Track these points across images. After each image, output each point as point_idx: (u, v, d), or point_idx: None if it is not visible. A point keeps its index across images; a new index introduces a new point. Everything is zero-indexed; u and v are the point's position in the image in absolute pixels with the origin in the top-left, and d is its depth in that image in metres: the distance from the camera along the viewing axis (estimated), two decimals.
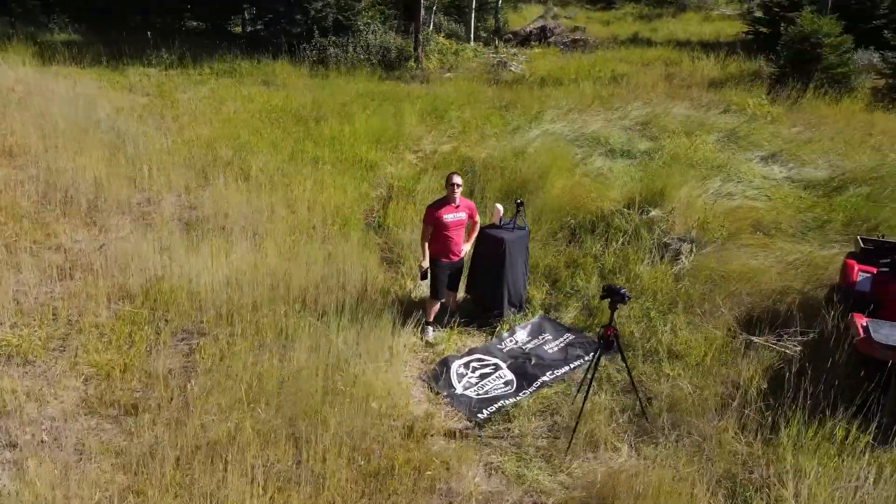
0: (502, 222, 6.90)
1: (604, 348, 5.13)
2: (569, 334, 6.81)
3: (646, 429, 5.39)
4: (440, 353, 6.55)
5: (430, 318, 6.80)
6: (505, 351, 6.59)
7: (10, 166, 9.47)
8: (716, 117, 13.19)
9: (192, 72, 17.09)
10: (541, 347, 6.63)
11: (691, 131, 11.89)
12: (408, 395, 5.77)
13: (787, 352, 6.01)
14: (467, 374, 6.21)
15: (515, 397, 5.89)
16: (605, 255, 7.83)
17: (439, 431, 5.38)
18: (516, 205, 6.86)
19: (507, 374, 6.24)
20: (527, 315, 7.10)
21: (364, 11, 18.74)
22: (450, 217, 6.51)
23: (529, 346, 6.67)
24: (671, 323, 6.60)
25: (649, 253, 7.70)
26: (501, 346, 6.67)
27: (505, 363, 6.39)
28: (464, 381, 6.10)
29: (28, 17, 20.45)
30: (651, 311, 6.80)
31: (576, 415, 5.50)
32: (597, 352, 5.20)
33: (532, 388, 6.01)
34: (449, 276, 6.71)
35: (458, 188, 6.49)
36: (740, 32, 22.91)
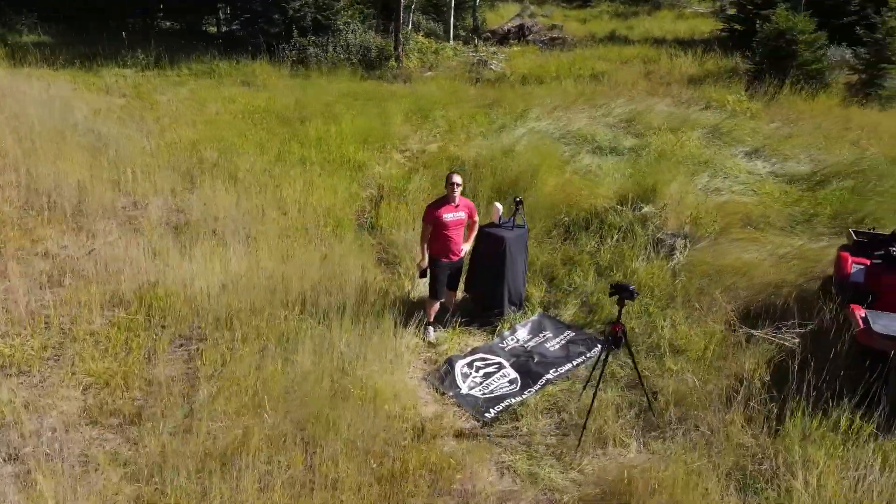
0: (502, 221, 6.89)
1: (612, 344, 5.15)
2: (569, 331, 6.84)
3: (653, 424, 5.43)
4: (442, 354, 6.53)
5: (431, 318, 6.77)
6: (507, 350, 6.59)
7: None
8: (697, 114, 13.35)
9: (169, 73, 16.84)
10: (542, 345, 6.64)
11: (675, 128, 12.03)
12: (415, 396, 5.74)
13: (785, 344, 6.10)
14: (471, 373, 6.20)
15: (521, 396, 5.90)
16: (601, 251, 7.88)
17: (449, 432, 5.36)
18: (515, 203, 6.86)
19: (511, 372, 6.24)
20: (526, 313, 7.10)
21: (343, 11, 18.61)
22: (449, 216, 6.48)
23: (531, 344, 6.68)
24: (670, 318, 6.66)
25: (644, 249, 7.77)
26: (503, 344, 6.66)
27: (508, 362, 6.39)
28: (468, 381, 6.08)
29: None
30: (650, 306, 6.86)
31: (583, 411, 5.53)
32: (605, 348, 5.22)
33: (537, 385, 6.02)
34: (449, 276, 6.69)
35: (457, 187, 6.46)
36: (714, 30, 23.23)
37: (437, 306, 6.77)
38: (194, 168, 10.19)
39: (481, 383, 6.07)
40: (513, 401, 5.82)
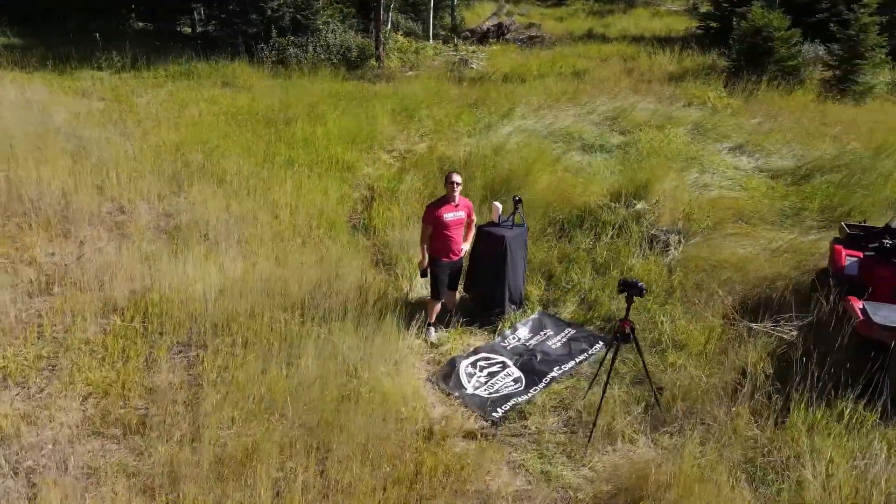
0: (501, 220, 6.88)
1: (621, 340, 5.18)
2: (569, 329, 6.86)
3: (660, 419, 5.46)
4: (444, 354, 6.50)
5: (432, 318, 6.74)
6: (509, 348, 6.59)
7: None
8: (680, 111, 13.51)
9: (146, 75, 16.51)
10: (544, 343, 6.65)
11: (660, 125, 12.15)
12: (422, 398, 5.70)
13: (784, 337, 6.19)
14: (476, 373, 6.18)
15: (527, 394, 5.89)
16: (597, 248, 7.92)
17: (458, 433, 5.33)
18: (514, 202, 6.85)
19: (515, 371, 6.24)
20: (526, 312, 7.11)
21: (322, 10, 18.44)
22: (450, 216, 6.46)
23: (532, 342, 6.68)
24: (669, 313, 6.71)
25: (639, 246, 7.82)
26: (505, 343, 6.66)
27: (511, 361, 6.39)
28: (473, 381, 6.07)
29: None
30: (649, 302, 6.90)
31: (590, 408, 5.56)
32: (615, 344, 5.24)
33: (542, 384, 6.03)
34: (449, 276, 6.66)
35: (458, 187, 6.43)
36: (690, 27, 23.53)
37: (438, 307, 6.74)
38: (180, 171, 10.01)
39: (486, 383, 6.06)
40: (519, 399, 5.82)
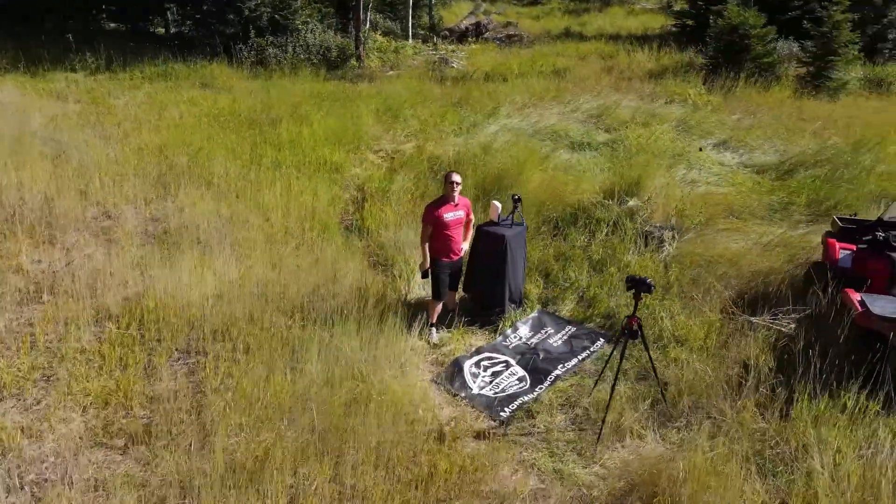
0: (500, 219, 6.87)
1: (629, 337, 5.20)
2: (570, 326, 6.88)
3: (667, 414, 5.50)
4: (447, 354, 6.47)
5: (434, 319, 6.70)
6: (511, 347, 6.58)
7: None
8: (662, 108, 13.66)
9: (121, 76, 16.20)
10: (546, 341, 6.66)
11: (644, 122, 12.26)
12: (429, 399, 5.67)
13: (782, 330, 6.28)
14: (480, 373, 6.16)
15: (533, 393, 5.89)
16: (592, 246, 7.95)
17: (468, 433, 5.31)
18: (513, 200, 6.84)
19: (519, 370, 6.23)
20: (525, 310, 7.11)
21: (301, 10, 18.26)
22: (450, 216, 6.43)
23: (534, 341, 6.68)
24: (668, 309, 6.77)
25: (634, 242, 7.87)
26: (507, 342, 6.65)
27: (514, 360, 6.38)
28: (478, 381, 6.05)
29: None
30: (647, 298, 6.93)
31: (596, 405, 5.59)
32: (623, 341, 5.26)
33: (547, 382, 6.03)
34: (450, 276, 6.63)
35: (457, 186, 6.41)
36: (665, 25, 23.80)
37: (439, 307, 6.70)
38: (165, 174, 9.83)
39: (491, 382, 6.05)
40: (526, 398, 5.82)
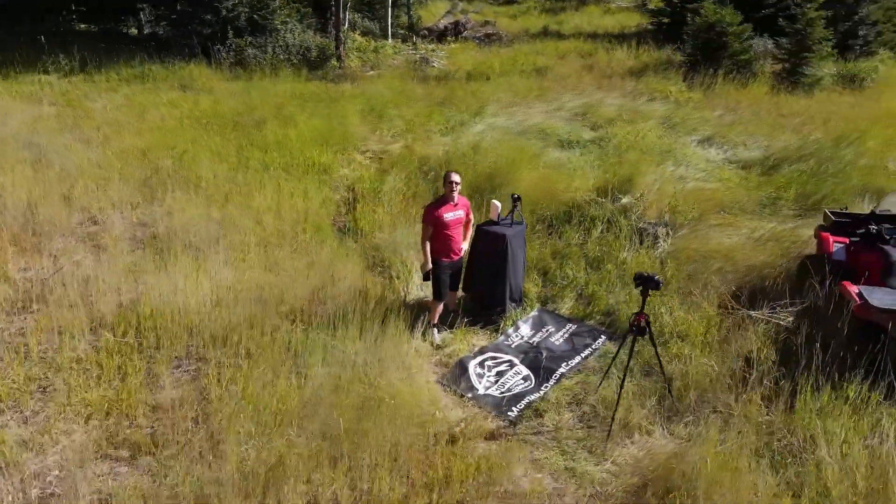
0: (500, 218, 6.86)
1: (637, 333, 5.23)
2: (570, 324, 6.90)
3: (674, 409, 5.53)
4: (450, 355, 6.44)
5: (435, 319, 6.67)
6: (514, 347, 6.58)
7: None
8: (645, 105, 13.78)
9: (97, 78, 15.82)
10: (547, 340, 6.67)
11: (629, 120, 12.35)
12: (437, 401, 5.63)
13: (780, 323, 6.37)
14: (485, 373, 6.15)
15: (539, 392, 5.90)
16: (588, 243, 7.98)
17: (478, 434, 5.28)
18: (513, 199, 6.83)
19: (523, 369, 6.23)
20: (525, 309, 7.11)
21: (279, 10, 18.04)
22: (450, 216, 6.40)
23: (536, 339, 6.69)
24: (668, 305, 6.82)
25: (629, 239, 7.92)
26: (509, 342, 6.64)
27: (518, 359, 6.38)
28: (484, 381, 6.03)
29: None
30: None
31: (603, 403, 5.61)
32: (632, 338, 5.29)
33: (553, 380, 6.04)
34: (451, 277, 6.60)
35: (456, 186, 6.39)
36: (641, 23, 24.02)
37: (440, 308, 6.67)
38: (150, 178, 9.64)
39: (496, 382, 6.03)
40: (532, 397, 5.82)
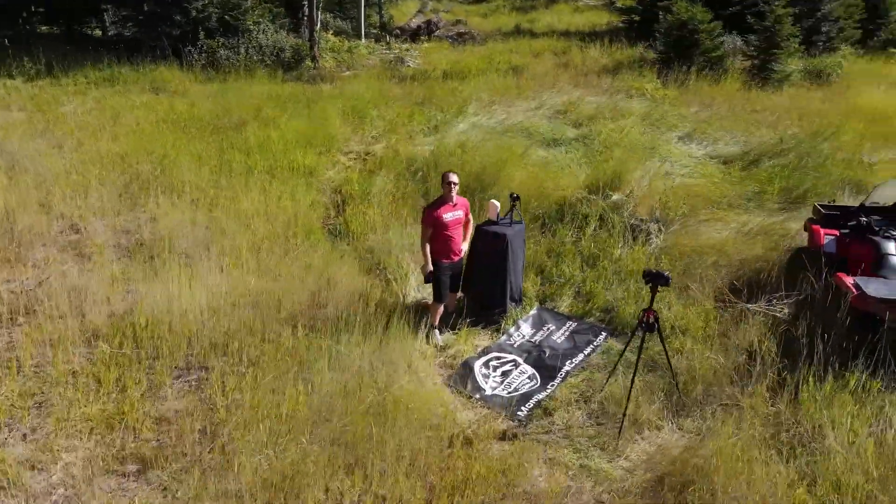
0: (499, 218, 6.84)
1: (646, 329, 5.26)
2: (570, 322, 6.92)
3: (682, 404, 5.58)
4: (454, 356, 6.40)
5: (436, 321, 6.62)
6: (517, 346, 6.57)
7: None
8: (624, 102, 13.90)
9: (64, 81, 15.42)
10: (549, 338, 6.67)
11: (611, 117, 12.45)
12: (446, 402, 5.59)
13: (777, 315, 6.48)
14: (490, 373, 6.13)
15: (546, 390, 5.90)
16: (582, 241, 8.02)
17: (491, 435, 5.26)
18: (511, 199, 6.82)
19: (528, 368, 6.23)
20: (525, 308, 7.11)
21: (251, 10, 17.76)
22: (449, 216, 6.36)
23: (537, 338, 6.69)
24: (666, 300, 6.88)
25: (622, 236, 7.98)
26: (512, 341, 6.63)
27: (521, 358, 6.37)
28: (490, 381, 6.01)
29: None
30: (643, 290, 7.03)
31: (612, 399, 5.63)
32: (641, 334, 5.32)
33: (558, 378, 6.05)
34: (451, 278, 6.56)
35: (455, 186, 6.35)
36: (611, 21, 24.28)
37: (441, 309, 6.62)
38: (131, 184, 9.41)
39: (502, 382, 6.02)
40: (540, 396, 5.81)
